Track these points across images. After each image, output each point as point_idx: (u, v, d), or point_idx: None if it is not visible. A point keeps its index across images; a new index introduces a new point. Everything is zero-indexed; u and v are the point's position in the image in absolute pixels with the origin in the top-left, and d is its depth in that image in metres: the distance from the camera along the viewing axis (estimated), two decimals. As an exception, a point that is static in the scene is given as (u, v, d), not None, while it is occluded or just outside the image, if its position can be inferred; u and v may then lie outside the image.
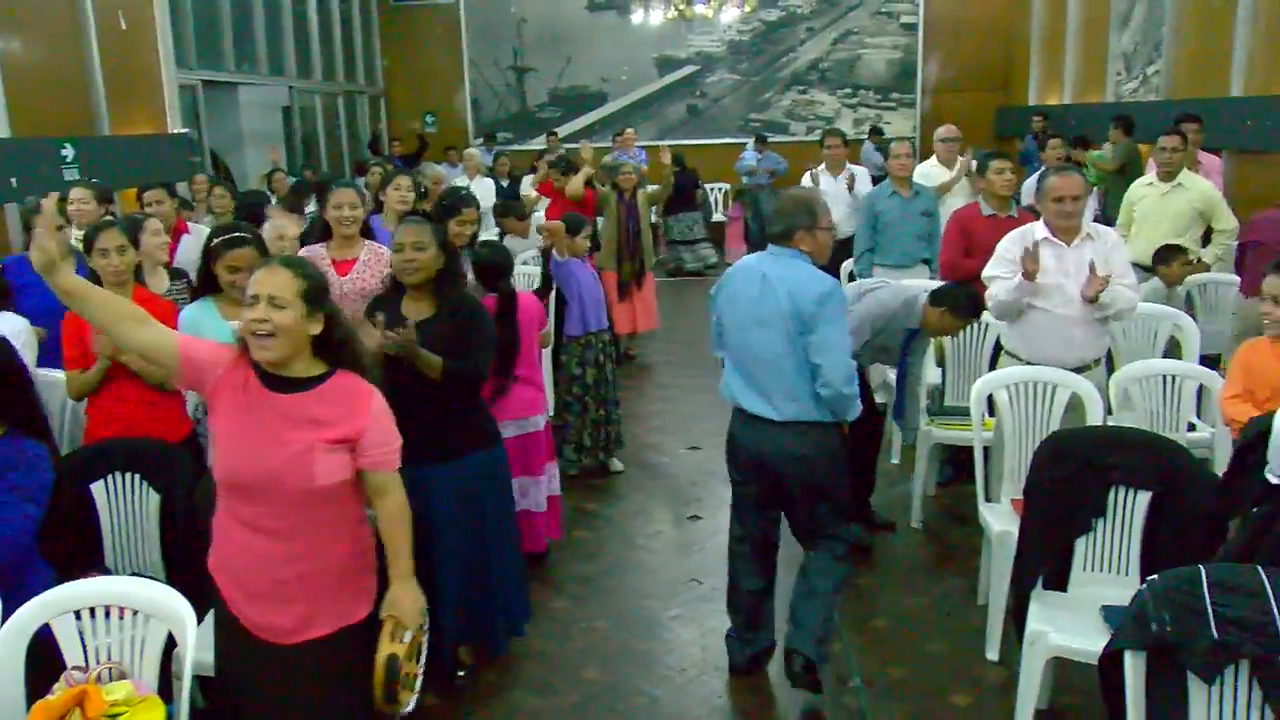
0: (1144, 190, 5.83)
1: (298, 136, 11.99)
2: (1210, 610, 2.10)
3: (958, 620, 3.84)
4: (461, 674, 3.50)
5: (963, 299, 3.96)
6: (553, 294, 5.74)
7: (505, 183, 10.58)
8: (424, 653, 2.58)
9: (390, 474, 2.46)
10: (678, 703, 3.40)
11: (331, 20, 13.14)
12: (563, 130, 14.48)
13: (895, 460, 5.39)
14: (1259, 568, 2.14)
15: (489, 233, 8.05)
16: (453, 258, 3.35)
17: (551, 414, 5.59)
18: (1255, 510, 2.48)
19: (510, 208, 7.02)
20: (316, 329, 2.35)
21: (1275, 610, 2.06)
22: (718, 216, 13.20)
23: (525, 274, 6.38)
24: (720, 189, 13.49)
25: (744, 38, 15.02)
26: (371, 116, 14.48)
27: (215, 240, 3.38)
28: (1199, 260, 5.47)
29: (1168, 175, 5.66)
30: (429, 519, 3.14)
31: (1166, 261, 5.20)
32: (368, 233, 4.31)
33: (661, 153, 8.25)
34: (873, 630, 3.83)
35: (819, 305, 3.07)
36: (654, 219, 11.79)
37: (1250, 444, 2.56)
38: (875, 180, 7.33)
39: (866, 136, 13.03)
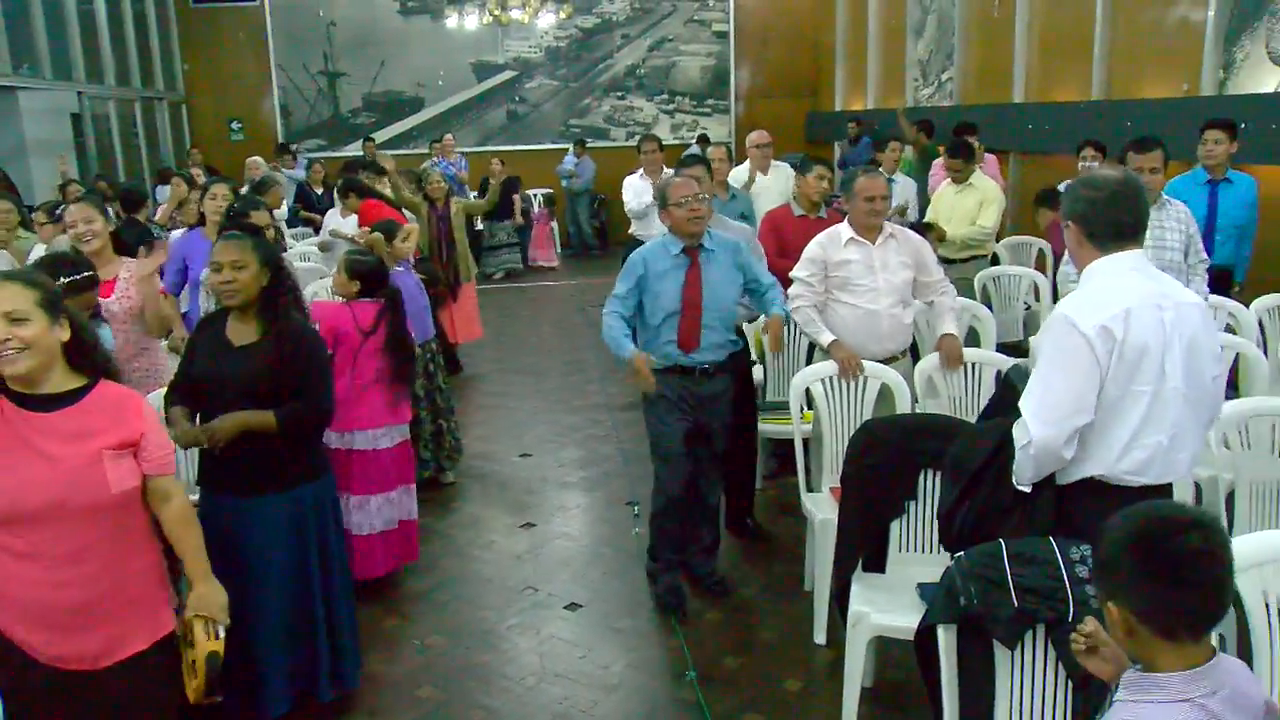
0: (943, 190, 6.47)
1: (90, 145, 11.19)
2: (1011, 581, 2.25)
3: (787, 607, 3.97)
4: None
5: None
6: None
7: (320, 190, 10.24)
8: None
9: (171, 478, 2.44)
10: (519, 713, 3.37)
11: (123, 20, 12.31)
12: (380, 136, 14.13)
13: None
14: (1050, 539, 2.31)
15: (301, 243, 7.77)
16: (279, 274, 3.05)
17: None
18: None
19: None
20: (65, 335, 2.28)
21: (1065, 577, 2.23)
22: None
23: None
24: (540, 194, 13.49)
25: (561, 44, 15.06)
26: (173, 124, 13.68)
27: None
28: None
29: (960, 178, 6.30)
30: (254, 552, 2.98)
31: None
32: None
33: (493, 163, 8.17)
34: (706, 623, 3.90)
35: None
36: (479, 226, 11.69)
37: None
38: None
39: (695, 142, 13.30)
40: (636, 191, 7.06)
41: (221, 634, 2.49)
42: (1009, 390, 2.69)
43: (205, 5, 14.26)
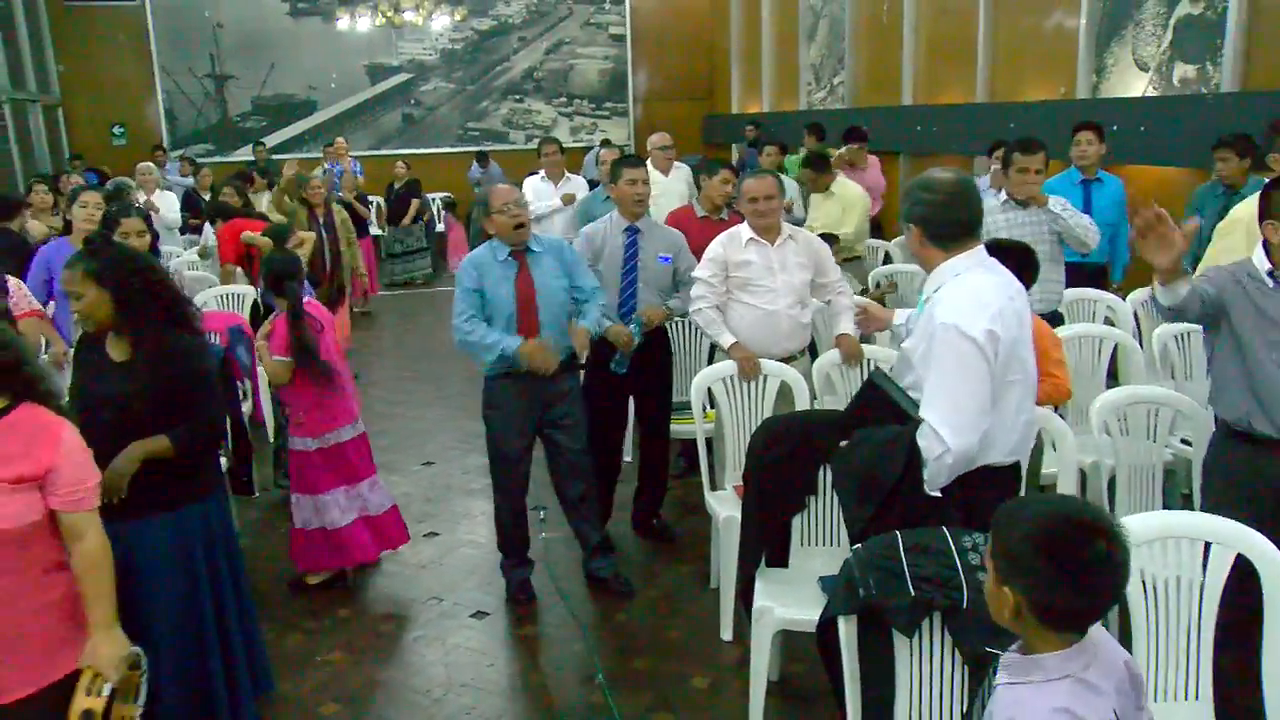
0: (812, 199, 6.69)
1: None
2: (907, 571, 2.31)
3: (694, 605, 4.00)
4: None
5: None
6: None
7: (207, 196, 9.91)
8: (143, 693, 2.44)
9: (85, 514, 2.27)
10: (425, 725, 3.32)
11: (-11, 19, 11.75)
12: (271, 141, 13.79)
13: (629, 458, 5.54)
14: (944, 529, 2.37)
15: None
16: (136, 292, 2.74)
17: (273, 438, 5.32)
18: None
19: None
20: None
21: (959, 565, 2.30)
22: (440, 227, 13.05)
23: (237, 294, 6.02)
24: (440, 198, 13.33)
25: (456, 46, 14.94)
26: (49, 128, 13.08)
27: None
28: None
29: (817, 188, 6.55)
30: (138, 579, 2.82)
31: None
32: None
33: (397, 166, 8.00)
34: (613, 624, 3.91)
35: None
36: (375, 231, 11.48)
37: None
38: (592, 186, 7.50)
39: (598, 146, 13.33)
40: (536, 193, 7.03)
41: (106, 691, 2.30)
42: (874, 391, 2.76)
43: (81, 4, 13.69)
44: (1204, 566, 2.39)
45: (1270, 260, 2.77)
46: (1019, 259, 3.27)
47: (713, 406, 4.05)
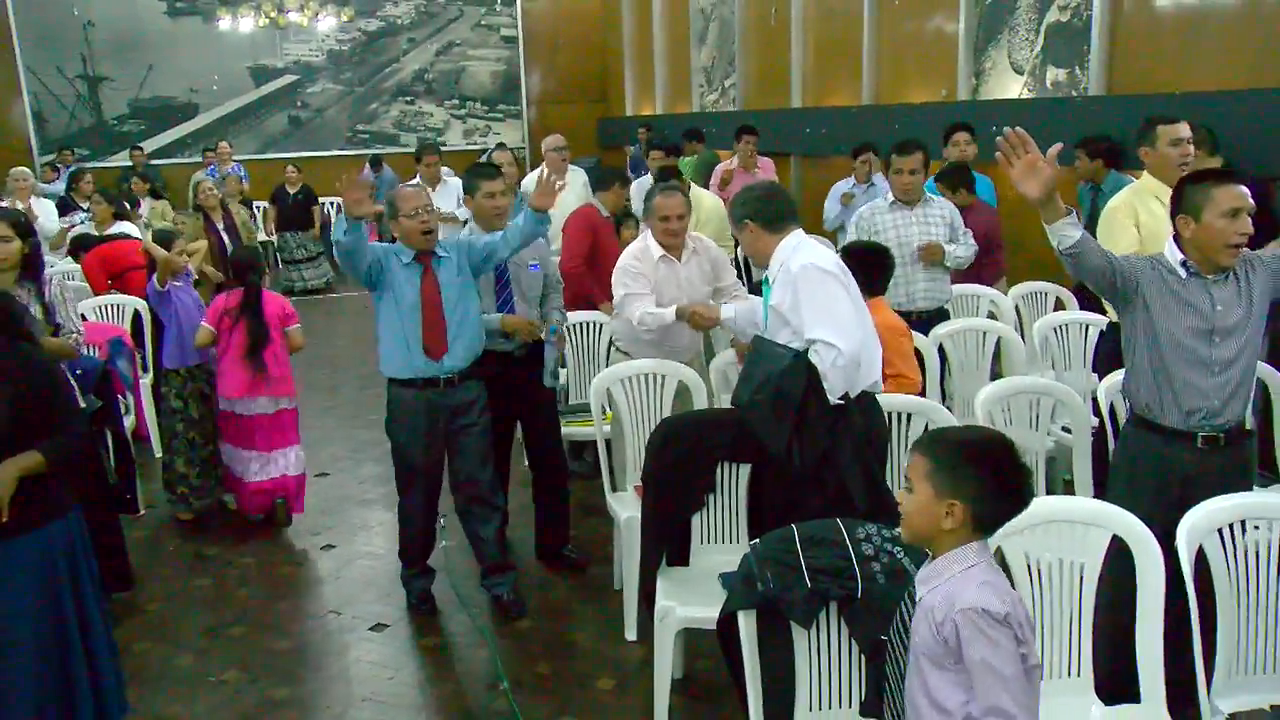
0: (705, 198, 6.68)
1: None
2: (803, 564, 2.35)
3: (597, 608, 4.00)
4: None
5: None
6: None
7: (85, 205, 9.49)
8: None
9: None
10: (324, 743, 3.24)
11: None
12: (150, 145, 13.28)
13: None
14: (838, 520, 2.43)
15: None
16: None
17: (160, 453, 5.14)
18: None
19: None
20: None
21: (852, 555, 2.35)
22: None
23: (118, 304, 5.79)
24: (332, 203, 13.03)
25: (344, 47, 14.63)
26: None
27: None
28: None
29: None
30: (4, 598, 2.67)
31: None
32: None
33: (288, 170, 7.75)
34: (516, 631, 3.88)
35: None
36: (264, 237, 11.16)
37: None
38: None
39: (493, 148, 13.20)
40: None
41: None
42: (762, 344, 3.18)
43: (-68, -1, 12.96)
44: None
45: (1182, 252, 2.85)
46: (874, 259, 3.85)
47: (611, 408, 4.05)
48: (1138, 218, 3.91)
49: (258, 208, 11.42)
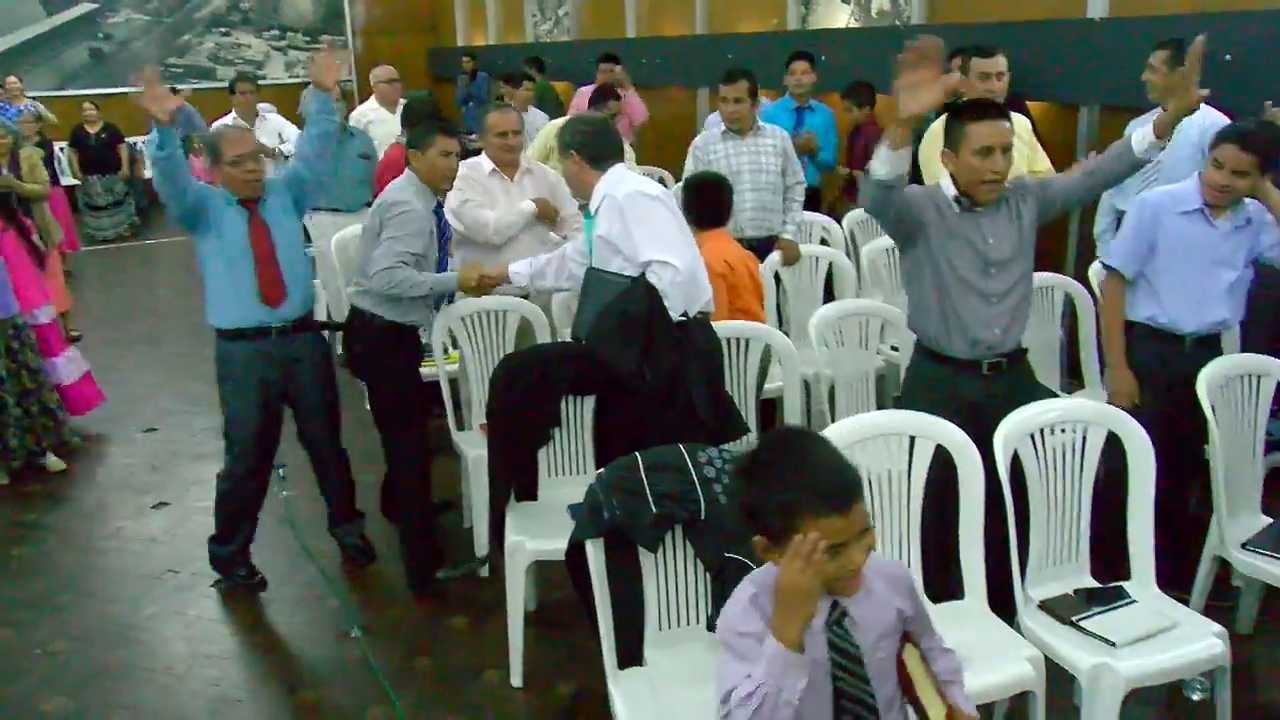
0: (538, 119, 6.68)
1: None
2: (648, 490, 2.40)
3: (448, 547, 3.96)
4: None
5: None
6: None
7: None
8: None
9: None
10: (169, 705, 3.12)
11: None
12: (-74, 81, 12.00)
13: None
14: (680, 446, 2.48)
15: None
16: None
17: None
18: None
19: None
20: None
21: (695, 478, 2.41)
22: (149, 173, 11.94)
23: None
24: (143, 142, 12.15)
25: (148, -28, 13.56)
26: None
27: None
28: None
29: None
30: None
31: None
32: None
33: (85, 108, 7.07)
34: (365, 577, 3.82)
35: None
36: (68, 181, 10.38)
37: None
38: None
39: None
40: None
41: None
42: (595, 275, 3.21)
43: None
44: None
45: (956, 187, 2.88)
46: (713, 190, 3.94)
47: (455, 347, 3.99)
48: None
49: (61, 150, 10.57)
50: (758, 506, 1.65)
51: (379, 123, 6.64)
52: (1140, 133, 2.87)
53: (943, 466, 2.61)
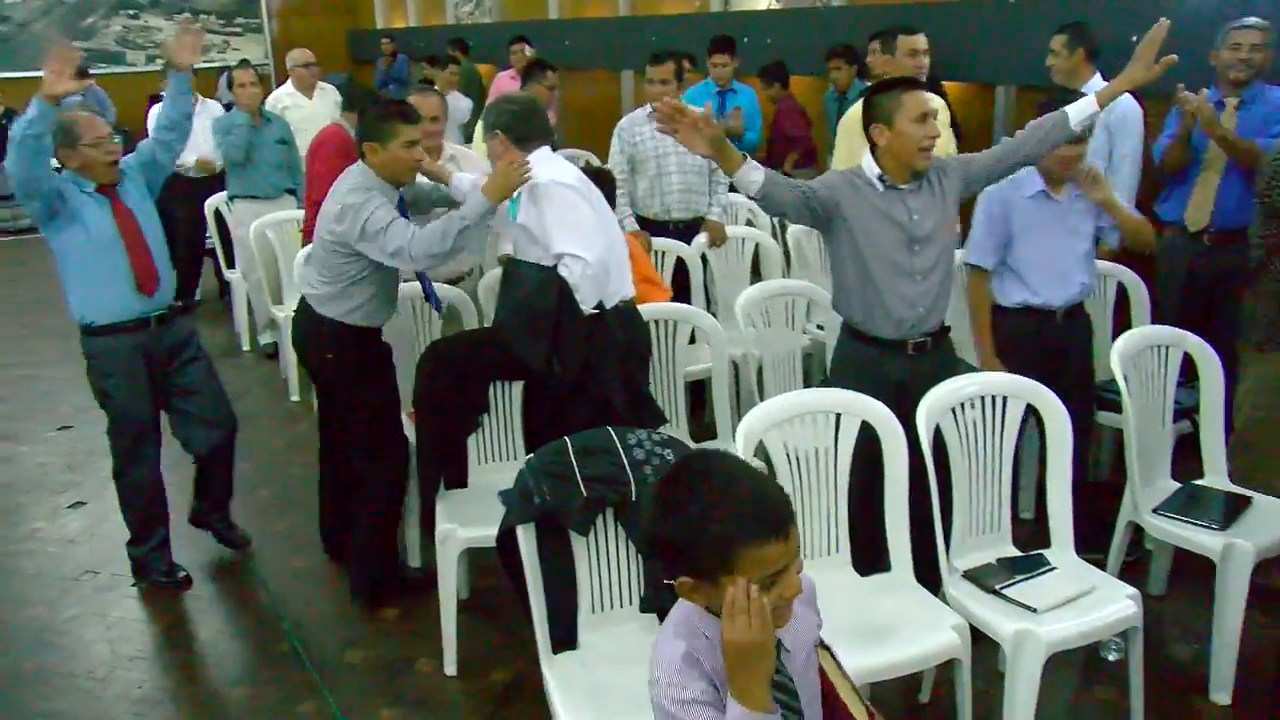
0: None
1: None
2: (578, 474, 2.40)
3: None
4: None
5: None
6: None
7: None
8: None
9: None
10: (93, 708, 3.03)
11: None
12: None
13: (296, 398, 5.29)
14: (609, 429, 2.48)
15: None
16: None
17: None
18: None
19: None
20: None
21: (625, 461, 2.42)
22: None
23: None
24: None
25: (48, -48, 13.03)
26: None
27: None
28: None
29: None
30: None
31: None
32: None
33: None
34: (293, 572, 3.75)
35: None
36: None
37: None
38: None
39: (235, 66, 12.23)
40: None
41: None
42: (514, 265, 3.23)
43: None
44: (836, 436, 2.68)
45: (878, 165, 2.90)
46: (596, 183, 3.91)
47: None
48: None
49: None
50: (682, 543, 1.44)
51: (295, 108, 6.49)
52: (1081, 104, 2.98)
53: (868, 442, 2.66)
